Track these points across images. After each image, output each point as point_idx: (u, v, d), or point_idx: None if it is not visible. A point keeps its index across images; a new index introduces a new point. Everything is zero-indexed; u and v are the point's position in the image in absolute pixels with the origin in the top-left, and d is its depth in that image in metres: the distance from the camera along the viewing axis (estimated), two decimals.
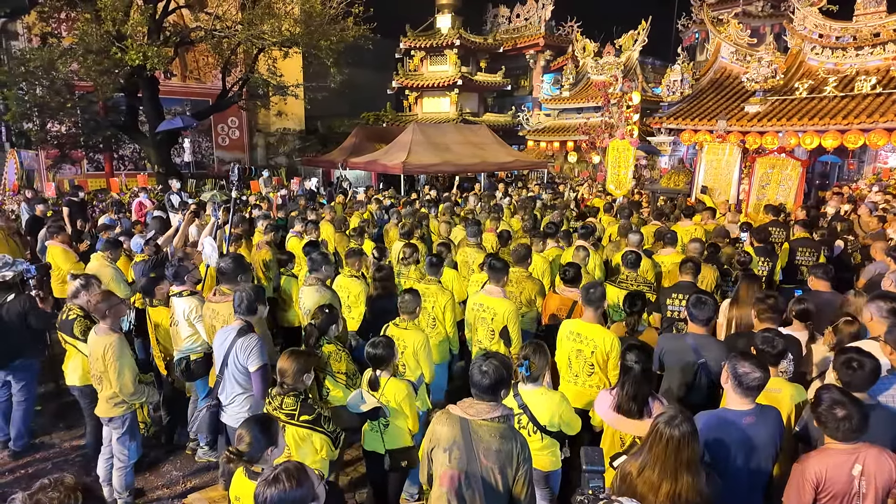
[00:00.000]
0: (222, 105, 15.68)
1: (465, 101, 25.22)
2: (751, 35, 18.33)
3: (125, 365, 3.80)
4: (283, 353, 3.10)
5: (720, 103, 15.86)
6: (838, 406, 2.32)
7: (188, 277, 4.69)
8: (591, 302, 3.79)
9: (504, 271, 4.45)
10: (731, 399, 2.73)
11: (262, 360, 3.34)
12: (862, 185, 13.58)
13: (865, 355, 2.74)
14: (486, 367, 2.47)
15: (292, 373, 3.02)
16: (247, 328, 3.42)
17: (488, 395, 2.47)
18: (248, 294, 3.46)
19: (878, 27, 13.96)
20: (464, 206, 10.87)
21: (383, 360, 3.33)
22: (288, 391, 3.05)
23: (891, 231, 7.00)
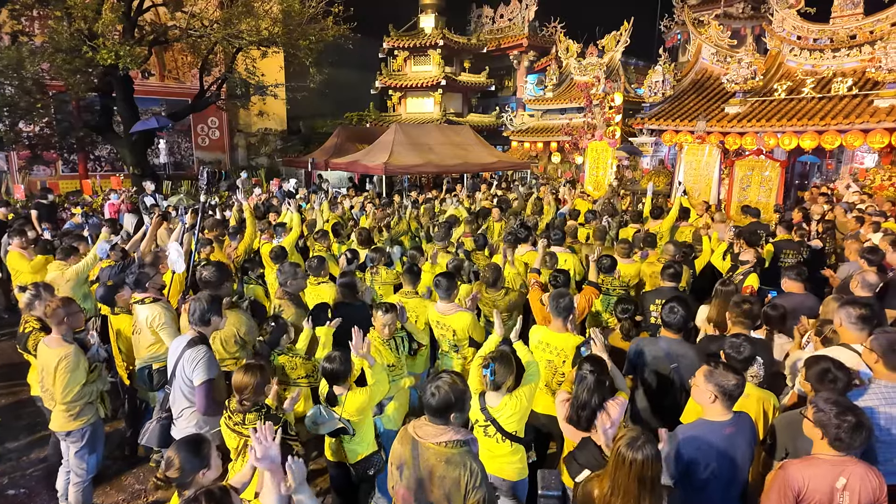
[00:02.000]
0: (200, 105, 15.41)
1: (449, 101, 25.15)
2: (731, 36, 18.47)
3: (76, 381, 3.62)
4: (239, 369, 2.96)
5: (701, 104, 15.95)
6: (850, 414, 2.24)
7: (150, 284, 4.52)
8: (560, 311, 3.70)
9: (452, 287, 4.31)
10: (712, 410, 2.65)
11: (209, 374, 3.18)
12: (839, 184, 13.72)
13: (840, 368, 2.71)
14: (435, 388, 2.35)
15: (252, 388, 2.90)
16: (198, 339, 3.27)
17: (438, 417, 2.36)
18: (201, 304, 3.32)
19: (854, 29, 14.13)
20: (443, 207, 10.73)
21: (339, 376, 3.20)
22: (249, 408, 2.93)
23: (865, 232, 7.01)
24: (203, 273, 4.04)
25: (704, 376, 2.66)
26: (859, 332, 3.26)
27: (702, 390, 2.66)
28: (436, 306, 4.38)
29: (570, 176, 17.90)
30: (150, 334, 4.35)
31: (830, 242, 7.61)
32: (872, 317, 3.29)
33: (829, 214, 9.19)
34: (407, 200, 11.72)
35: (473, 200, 12.03)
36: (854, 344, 3.28)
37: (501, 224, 8.54)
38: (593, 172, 11.45)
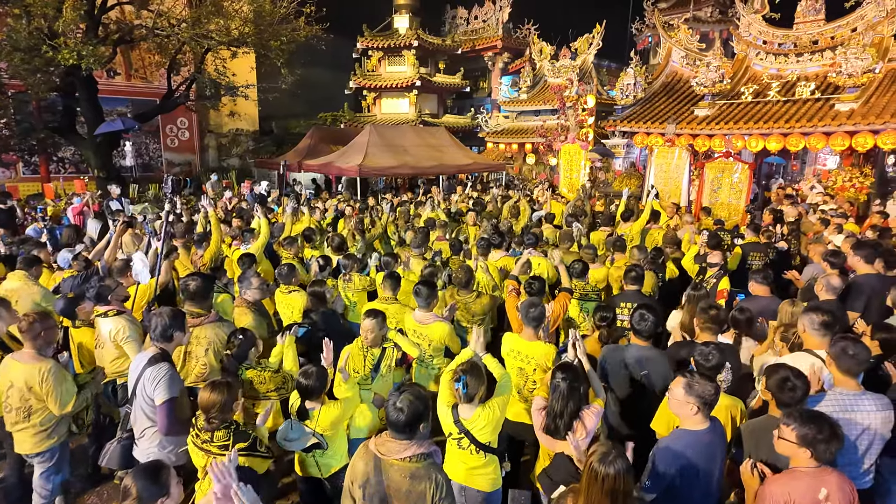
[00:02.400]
0: (168, 106, 15.02)
1: (424, 102, 25.09)
2: (700, 40, 18.86)
3: (70, 392, 3.53)
4: (206, 386, 2.87)
5: (671, 106, 16.24)
6: (827, 426, 2.27)
7: (112, 296, 4.37)
8: (531, 320, 3.70)
9: (432, 296, 4.27)
10: (690, 419, 2.67)
11: (170, 392, 3.08)
12: (803, 185, 14.13)
13: (799, 378, 2.76)
14: (401, 403, 2.32)
15: (220, 405, 2.81)
16: (159, 356, 3.16)
17: (403, 433, 2.33)
18: (163, 319, 3.20)
19: (817, 35, 14.56)
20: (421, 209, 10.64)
21: (315, 392, 3.14)
22: (218, 426, 2.84)
23: (829, 234, 7.20)
24: (189, 284, 3.89)
25: (684, 389, 2.67)
26: (822, 337, 3.33)
27: (682, 403, 2.67)
28: (413, 315, 4.33)
29: (544, 177, 18.03)
30: (114, 348, 4.21)
31: (795, 244, 7.79)
32: (834, 323, 3.38)
33: (788, 213, 9.44)
34: (382, 203, 11.63)
35: (450, 202, 12.01)
36: (817, 350, 3.35)
37: (477, 228, 8.53)
38: (567, 175, 11.55)
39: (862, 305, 4.78)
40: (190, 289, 3.89)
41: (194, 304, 3.87)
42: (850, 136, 12.07)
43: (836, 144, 12.31)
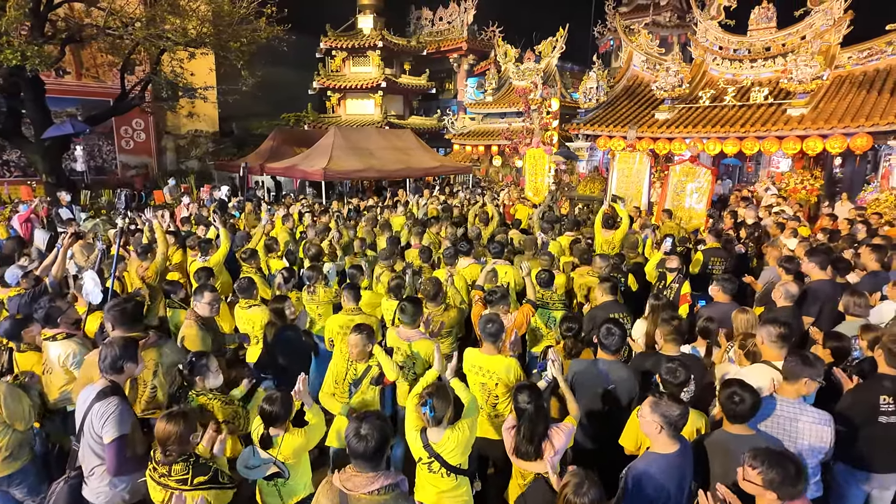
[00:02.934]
0: (121, 108, 14.40)
1: (389, 103, 24.90)
2: (660, 44, 19.34)
3: (25, 407, 3.46)
4: (161, 418, 2.73)
5: (633, 110, 16.60)
6: (790, 464, 2.25)
7: (62, 319, 4.12)
8: (490, 336, 3.68)
9: (418, 313, 4.20)
10: (659, 440, 2.67)
11: (120, 430, 2.88)
12: (758, 187, 14.63)
13: (747, 390, 2.80)
14: (365, 430, 2.25)
15: (177, 437, 2.67)
16: (109, 390, 2.96)
17: (369, 463, 2.26)
18: (112, 350, 3.01)
19: (769, 42, 15.12)
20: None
21: (279, 419, 3.03)
22: (175, 459, 2.70)
23: (784, 239, 7.43)
24: (112, 311, 3.62)
25: (650, 407, 2.68)
26: (779, 349, 3.42)
27: (648, 421, 2.68)
28: (398, 331, 4.24)
29: (510, 180, 18.15)
30: (64, 374, 3.98)
31: (753, 248, 8.02)
32: (791, 335, 3.47)
33: (748, 216, 9.73)
34: (347, 207, 11.46)
35: (419, 206, 11.92)
36: (775, 361, 3.43)
37: (444, 233, 8.45)
38: (532, 178, 11.65)
39: (816, 311, 4.95)
40: (115, 316, 3.63)
41: (124, 330, 3.63)
42: (801, 140, 12.59)
43: (789, 148, 12.81)
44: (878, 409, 3.19)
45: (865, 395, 3.26)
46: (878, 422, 3.20)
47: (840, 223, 9.03)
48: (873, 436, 3.22)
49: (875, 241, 6.68)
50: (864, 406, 3.22)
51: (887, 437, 3.21)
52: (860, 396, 3.29)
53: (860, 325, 4.19)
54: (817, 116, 12.63)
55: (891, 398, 3.19)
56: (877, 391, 3.22)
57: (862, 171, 14.78)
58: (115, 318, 3.63)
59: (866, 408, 3.21)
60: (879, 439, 3.22)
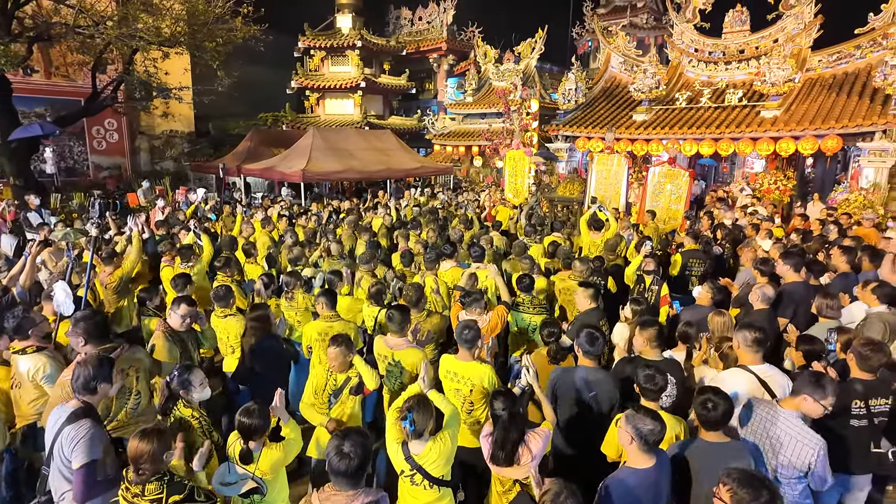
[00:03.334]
0: (93, 109, 14.01)
1: (369, 103, 24.75)
2: (637, 46, 19.58)
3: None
4: (134, 435, 2.65)
5: (611, 111, 16.77)
6: (764, 489, 2.20)
7: (34, 331, 3.96)
8: (466, 342, 3.67)
9: (405, 320, 4.12)
10: (637, 457, 2.67)
11: (90, 455, 2.79)
12: (733, 187, 14.89)
13: (721, 396, 2.83)
14: (346, 451, 2.22)
15: (150, 456, 2.59)
16: (81, 412, 2.85)
17: (350, 481, 2.23)
18: (86, 370, 2.90)
19: (743, 45, 15.40)
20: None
21: (258, 431, 2.96)
22: (149, 478, 2.61)
23: (759, 240, 7.56)
24: (80, 326, 3.49)
25: (625, 417, 2.70)
26: (755, 353, 3.48)
27: (622, 431, 2.70)
28: (385, 340, 4.17)
29: (491, 180, 18.18)
30: (33, 388, 3.84)
31: (729, 249, 8.14)
32: (766, 339, 3.53)
33: (725, 218, 9.90)
34: (327, 210, 11.34)
35: (400, 208, 11.86)
36: (751, 365, 3.49)
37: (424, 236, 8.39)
38: (512, 180, 11.68)
39: (791, 313, 5.04)
40: (85, 329, 3.49)
41: (95, 344, 3.52)
42: (775, 142, 12.85)
43: (762, 149, 13.06)
44: (850, 413, 3.26)
45: (838, 399, 3.31)
46: (849, 425, 3.26)
47: (812, 223, 9.24)
48: (845, 439, 3.29)
49: (845, 243, 6.84)
50: (837, 410, 3.27)
51: (859, 441, 3.28)
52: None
53: (834, 327, 4.29)
54: (789, 118, 12.91)
55: (862, 402, 3.25)
56: (849, 395, 3.28)
57: (833, 172, 15.16)
58: (87, 332, 3.51)
59: (838, 411, 3.26)
60: (851, 442, 3.29)
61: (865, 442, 3.27)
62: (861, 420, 3.25)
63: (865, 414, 3.24)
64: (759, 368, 3.47)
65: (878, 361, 3.29)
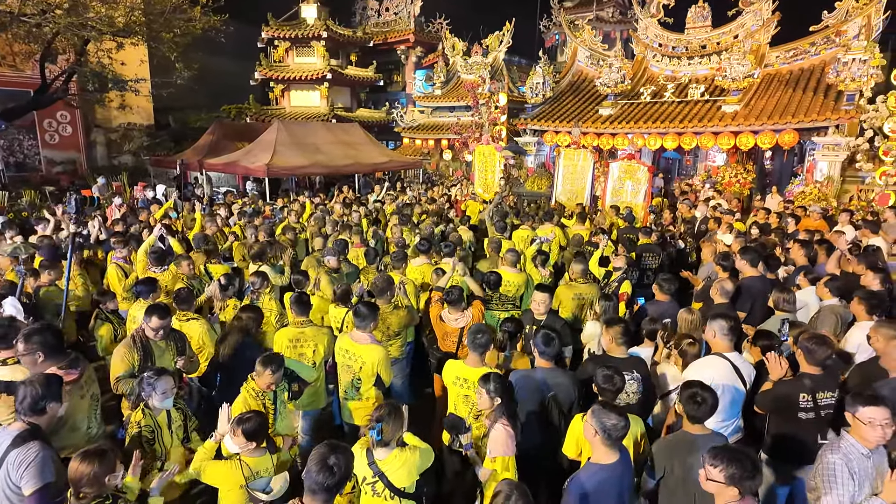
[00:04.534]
0: (43, 101, 13.35)
1: (336, 95, 24.33)
2: (603, 40, 19.79)
3: None
4: (76, 457, 2.52)
5: (578, 105, 16.92)
6: (749, 462, 2.34)
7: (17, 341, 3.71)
8: (476, 346, 3.61)
9: (371, 317, 4.03)
10: (600, 452, 2.71)
11: (43, 479, 2.63)
12: (696, 181, 15.26)
13: (707, 390, 2.91)
14: (331, 464, 2.18)
15: (90, 479, 2.47)
16: (28, 435, 2.67)
17: (325, 494, 2.19)
18: (33, 389, 2.72)
19: (705, 40, 15.72)
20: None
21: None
22: (90, 501, 2.49)
23: (721, 234, 7.74)
24: (33, 338, 3.24)
25: (591, 411, 2.75)
26: (729, 342, 3.62)
27: (587, 425, 2.74)
28: (350, 334, 4.11)
29: (461, 174, 18.15)
30: (10, 407, 3.61)
31: (691, 242, 8.32)
32: (739, 328, 3.67)
33: (688, 213, 10.11)
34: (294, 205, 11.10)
35: (367, 202, 11.72)
36: (726, 352, 3.62)
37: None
38: (482, 175, 11.68)
39: (748, 306, 5.18)
40: (42, 344, 3.25)
41: (55, 361, 3.31)
42: (735, 136, 13.19)
43: (723, 143, 13.40)
44: (798, 406, 3.36)
45: (786, 390, 3.42)
46: (797, 417, 3.37)
47: (770, 217, 9.53)
48: (795, 431, 3.40)
49: (801, 237, 7.06)
50: (785, 403, 3.39)
51: (807, 432, 3.39)
52: (781, 391, 3.45)
53: (789, 319, 4.43)
54: (749, 113, 13.26)
55: (809, 395, 3.36)
56: (798, 388, 3.38)
57: (790, 165, 15.66)
58: (45, 346, 3.26)
59: (787, 404, 3.38)
60: (800, 434, 3.40)
61: (814, 434, 3.38)
62: (809, 413, 3.35)
63: (813, 407, 3.34)
64: (732, 356, 3.62)
65: (823, 355, 3.40)
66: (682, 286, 6.78)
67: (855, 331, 4.35)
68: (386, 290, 4.75)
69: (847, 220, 8.39)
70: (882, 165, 11.83)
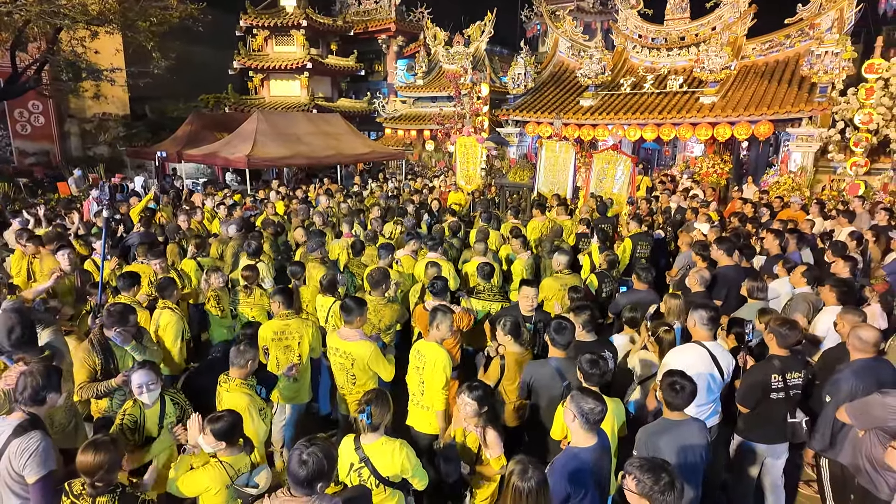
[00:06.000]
0: (14, 91, 12.98)
1: (317, 85, 24.04)
2: (584, 30, 19.87)
3: None
4: (86, 446, 2.56)
5: (559, 96, 17.02)
6: (664, 474, 2.28)
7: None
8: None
9: (358, 311, 4.02)
10: (579, 436, 2.82)
11: (46, 467, 2.69)
12: (675, 171, 15.53)
13: (687, 379, 3.03)
14: (307, 456, 2.24)
15: (106, 467, 2.52)
16: (28, 424, 2.73)
17: (304, 488, 2.25)
18: (34, 379, 2.76)
19: (683, 31, 15.92)
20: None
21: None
22: (101, 491, 2.54)
23: (697, 224, 7.94)
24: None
25: (570, 397, 2.85)
26: (709, 331, 3.76)
27: (567, 410, 2.85)
28: (338, 332, 4.12)
29: (443, 165, 18.17)
30: None
31: (671, 232, 8.50)
32: (718, 318, 3.82)
33: (666, 203, 10.33)
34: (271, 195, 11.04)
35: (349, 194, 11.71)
36: (705, 341, 3.75)
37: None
38: (464, 167, 11.72)
39: (724, 294, 5.36)
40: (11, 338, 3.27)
41: (32, 355, 3.33)
42: (713, 127, 13.44)
43: (701, 134, 13.64)
44: (770, 387, 3.54)
45: (759, 376, 3.59)
46: (769, 398, 3.54)
47: (745, 207, 9.79)
48: (766, 411, 3.58)
49: (775, 226, 7.28)
50: (758, 385, 3.56)
51: (778, 412, 3.57)
52: (754, 377, 3.62)
53: (758, 308, 4.61)
54: (726, 104, 13.51)
55: (780, 376, 3.54)
56: (769, 371, 3.56)
57: (766, 156, 16.03)
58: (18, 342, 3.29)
59: (760, 387, 3.55)
60: (771, 414, 3.58)
61: (783, 413, 3.57)
62: (779, 393, 3.53)
63: (783, 387, 3.52)
64: (711, 345, 3.74)
65: (794, 339, 3.60)
66: (660, 275, 7.00)
67: (823, 315, 4.56)
68: (381, 283, 4.80)
69: (818, 211, 8.71)
70: (852, 156, 12.21)
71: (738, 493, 3.91)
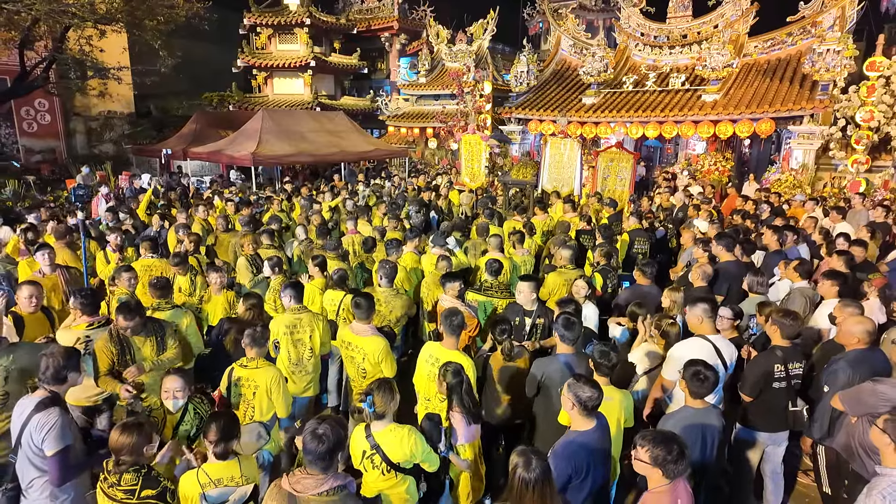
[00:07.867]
0: (22, 89, 13.09)
1: (320, 83, 24.13)
2: (586, 28, 19.94)
3: None
4: (116, 428, 2.73)
5: (562, 94, 17.10)
6: (674, 444, 2.41)
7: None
8: (452, 329, 3.80)
9: (371, 308, 4.13)
10: (578, 421, 2.94)
11: (63, 441, 2.86)
12: (676, 168, 15.59)
13: (710, 369, 3.14)
14: (321, 433, 2.34)
15: (130, 448, 2.67)
16: (48, 401, 2.90)
17: (321, 462, 2.34)
18: (55, 360, 2.93)
19: (686, 30, 15.98)
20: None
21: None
22: (127, 468, 2.69)
23: (696, 221, 8.04)
24: None
25: (567, 385, 2.97)
26: (712, 325, 3.89)
27: (565, 398, 2.96)
28: (350, 326, 4.22)
29: (446, 163, 18.26)
30: None
31: (672, 229, 8.60)
32: (717, 311, 3.96)
33: (667, 201, 10.41)
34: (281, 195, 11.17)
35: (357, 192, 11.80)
36: (709, 334, 3.86)
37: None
38: (469, 165, 11.82)
39: (725, 289, 5.46)
40: None
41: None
42: (714, 125, 13.50)
43: (703, 132, 13.71)
44: (773, 377, 3.65)
45: (762, 366, 3.71)
46: (772, 387, 3.65)
47: (747, 204, 9.87)
48: (768, 400, 3.69)
49: (776, 222, 7.38)
50: (761, 375, 3.67)
51: (780, 400, 3.68)
52: (758, 367, 3.74)
53: (758, 302, 4.72)
54: (728, 102, 13.57)
55: (782, 366, 3.65)
56: (772, 361, 3.67)
57: (767, 153, 16.09)
58: None
59: (762, 377, 3.66)
60: (773, 403, 3.70)
61: (784, 402, 3.68)
62: (781, 382, 3.64)
63: (785, 377, 3.64)
64: (714, 338, 3.86)
65: (796, 329, 3.72)
66: (662, 270, 7.10)
67: (823, 308, 4.68)
68: (392, 276, 4.96)
69: (812, 207, 8.88)
70: (854, 154, 12.27)
71: (738, 480, 4.03)
